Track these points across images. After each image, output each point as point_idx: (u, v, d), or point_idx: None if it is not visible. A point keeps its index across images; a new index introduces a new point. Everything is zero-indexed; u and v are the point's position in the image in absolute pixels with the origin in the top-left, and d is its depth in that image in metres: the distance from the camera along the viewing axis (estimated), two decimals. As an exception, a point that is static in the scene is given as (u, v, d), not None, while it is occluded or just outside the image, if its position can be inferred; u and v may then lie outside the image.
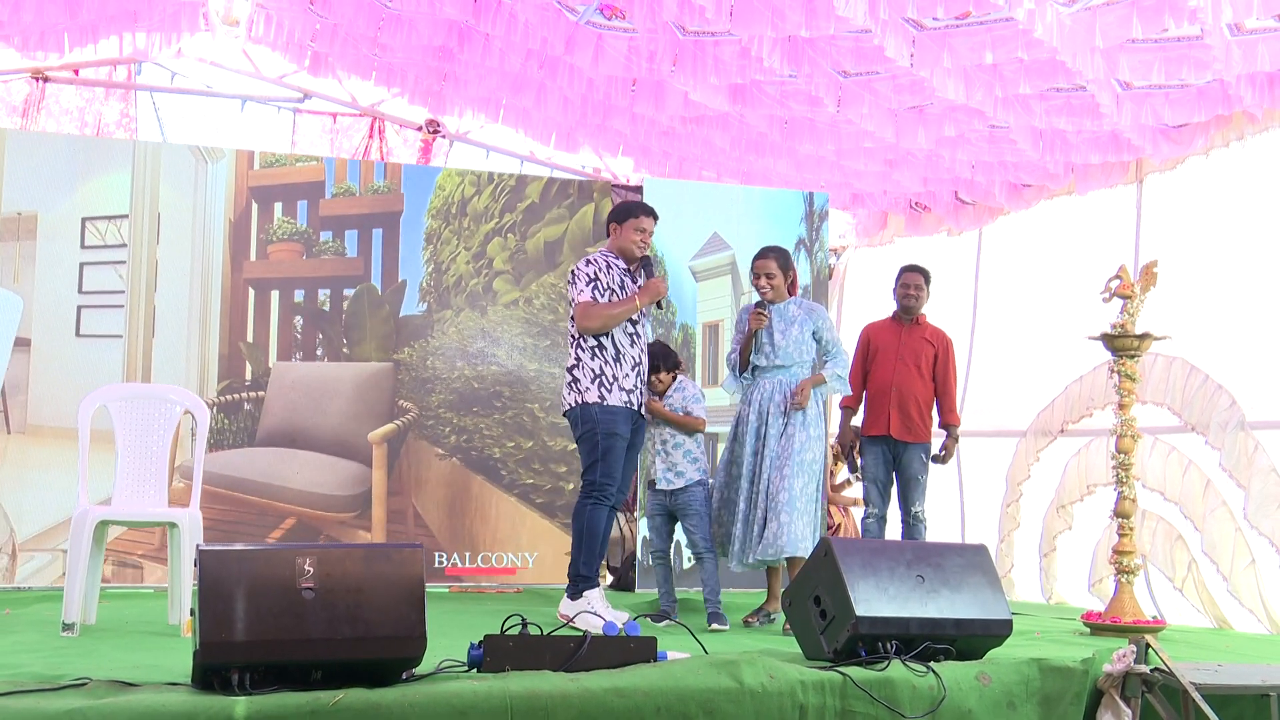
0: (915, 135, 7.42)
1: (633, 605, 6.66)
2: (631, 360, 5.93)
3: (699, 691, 3.62)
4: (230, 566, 3.37)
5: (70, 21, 7.68)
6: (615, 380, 5.85)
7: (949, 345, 7.21)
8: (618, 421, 5.83)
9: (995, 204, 8.68)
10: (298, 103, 10.06)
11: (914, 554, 4.34)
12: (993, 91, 6.62)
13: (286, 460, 8.02)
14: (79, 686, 3.32)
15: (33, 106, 9.32)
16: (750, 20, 6.25)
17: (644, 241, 6.04)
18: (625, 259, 6.04)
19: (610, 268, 5.97)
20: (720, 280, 8.82)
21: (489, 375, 8.49)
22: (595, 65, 7.27)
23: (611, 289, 5.91)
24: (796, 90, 7.27)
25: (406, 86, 8.91)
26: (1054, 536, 8.05)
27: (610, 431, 5.81)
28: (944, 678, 3.93)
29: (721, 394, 8.76)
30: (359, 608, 3.41)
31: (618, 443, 5.83)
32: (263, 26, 8.13)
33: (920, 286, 7.19)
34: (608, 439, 5.80)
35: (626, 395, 5.88)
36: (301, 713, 3.18)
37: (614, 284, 5.93)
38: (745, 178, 9.34)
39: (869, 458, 7.17)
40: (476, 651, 3.70)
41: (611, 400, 5.83)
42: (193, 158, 8.15)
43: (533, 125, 9.04)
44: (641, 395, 5.98)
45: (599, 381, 5.83)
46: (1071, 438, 8.01)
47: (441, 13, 7.15)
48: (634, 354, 5.96)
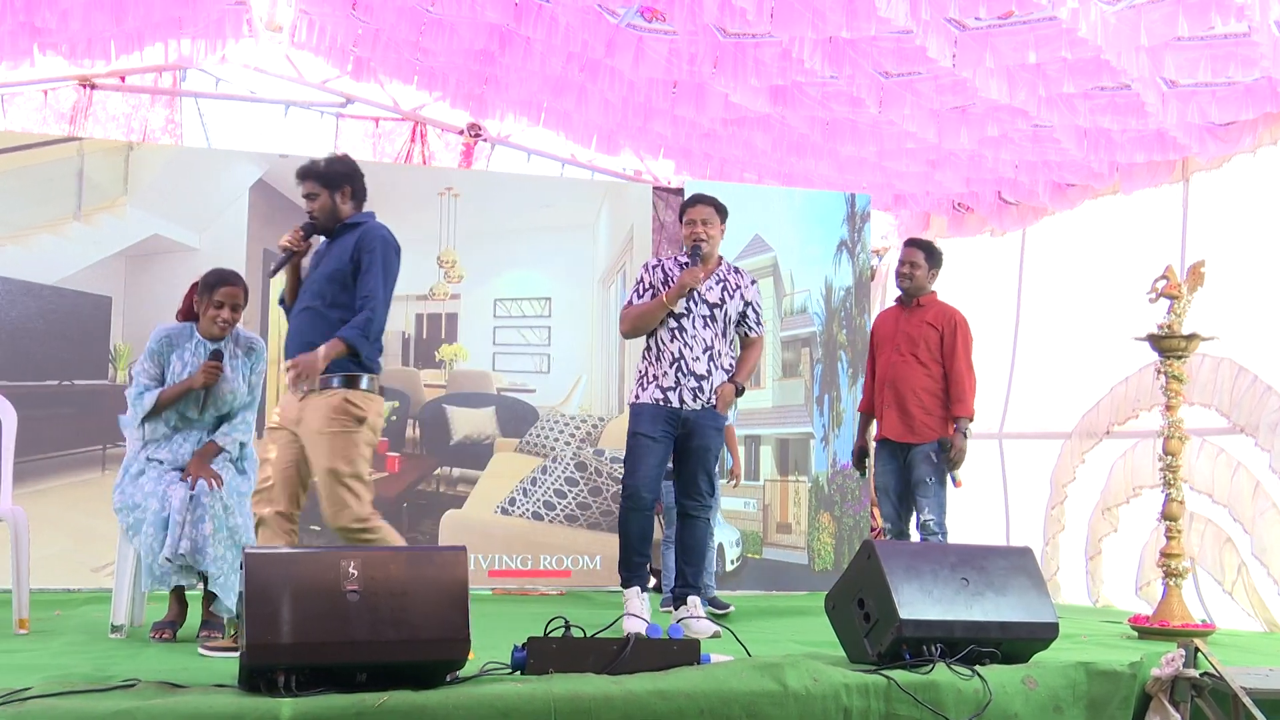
0: (958, 136, 7.38)
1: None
2: (670, 357, 5.66)
3: (742, 694, 3.61)
4: (276, 569, 3.39)
5: (116, 29, 7.77)
6: (655, 379, 5.68)
7: (958, 325, 6.36)
8: (642, 420, 5.65)
9: (1039, 204, 8.62)
10: (340, 108, 10.12)
11: (958, 557, 4.31)
12: (1036, 91, 6.58)
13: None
14: (128, 687, 3.35)
15: (80, 114, 9.43)
16: (791, 22, 6.23)
17: (694, 234, 5.73)
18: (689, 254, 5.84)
19: (659, 267, 5.82)
20: (762, 282, 8.80)
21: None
22: (636, 68, 7.28)
23: (654, 287, 5.75)
24: (838, 91, 7.25)
25: (448, 90, 8.95)
26: (1100, 539, 7.99)
27: (634, 431, 5.67)
28: (989, 681, 3.89)
29: (761, 396, 8.79)
30: (403, 610, 3.42)
31: (640, 441, 5.62)
32: (305, 32, 8.20)
33: (915, 263, 6.41)
34: (631, 438, 5.67)
35: (663, 393, 5.64)
36: (347, 714, 3.19)
37: (657, 282, 5.75)
38: (786, 179, 9.32)
39: (877, 465, 6.53)
40: (520, 654, 3.71)
41: (643, 398, 5.67)
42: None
43: (574, 128, 9.06)
44: (690, 394, 5.61)
45: (640, 381, 5.75)
46: (1117, 439, 7.94)
47: (483, 17, 7.18)
48: (674, 350, 5.66)
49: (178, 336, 5.30)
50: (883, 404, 6.46)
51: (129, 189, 8.15)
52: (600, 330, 8.75)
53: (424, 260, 8.42)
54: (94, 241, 8.10)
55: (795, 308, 8.90)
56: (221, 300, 5.25)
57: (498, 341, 8.56)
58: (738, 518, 8.64)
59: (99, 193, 8.13)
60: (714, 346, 5.68)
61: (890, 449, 6.40)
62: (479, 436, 8.47)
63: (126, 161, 8.21)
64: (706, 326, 5.68)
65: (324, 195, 5.03)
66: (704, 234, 5.72)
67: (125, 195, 8.12)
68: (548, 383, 8.63)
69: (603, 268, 8.82)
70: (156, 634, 5.08)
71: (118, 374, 8.07)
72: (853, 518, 8.80)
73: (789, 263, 8.89)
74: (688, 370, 5.65)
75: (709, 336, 5.68)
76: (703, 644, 3.95)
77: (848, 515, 8.80)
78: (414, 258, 8.31)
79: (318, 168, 5.07)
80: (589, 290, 8.79)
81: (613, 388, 8.75)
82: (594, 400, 8.68)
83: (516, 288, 8.62)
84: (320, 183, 5.03)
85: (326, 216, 5.05)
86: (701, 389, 5.64)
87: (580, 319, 8.75)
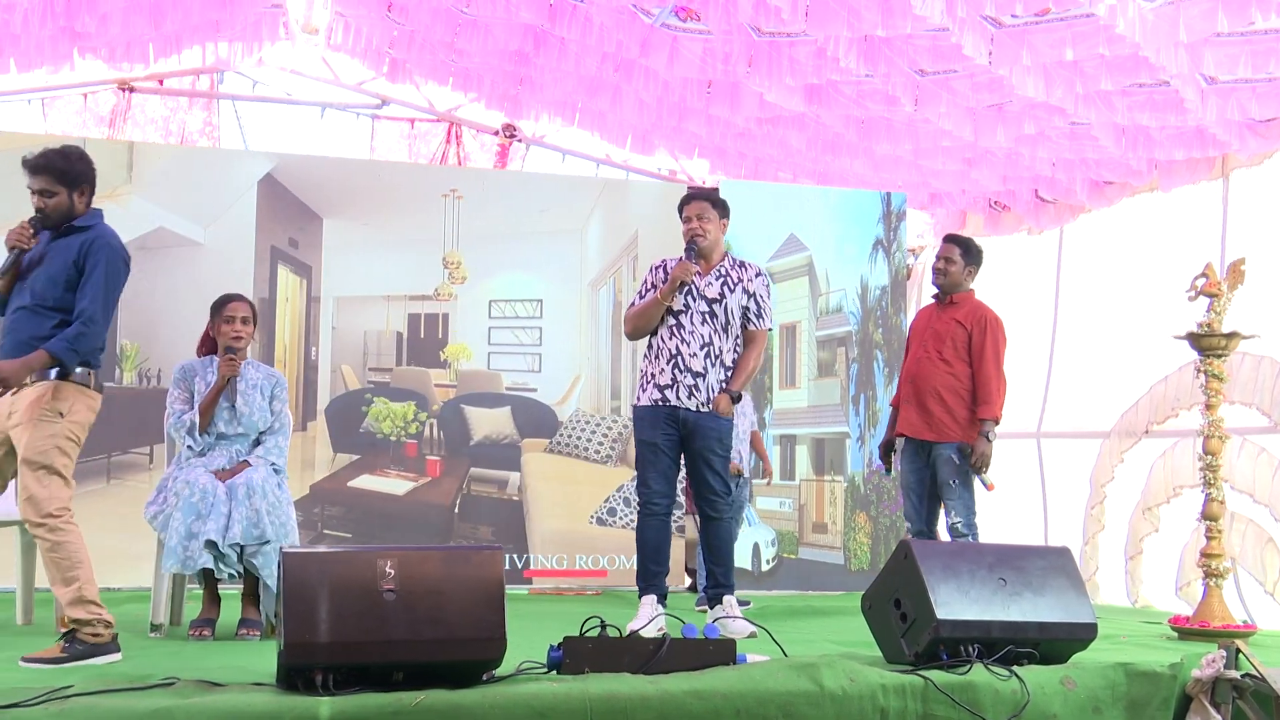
0: (994, 133, 7.34)
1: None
2: (668, 354, 5.55)
3: (778, 694, 3.60)
4: (313, 569, 3.41)
5: (155, 33, 7.84)
6: (652, 378, 5.60)
7: (987, 323, 6.16)
8: (643, 426, 5.59)
9: (1076, 202, 8.56)
10: (376, 109, 10.17)
11: (996, 557, 4.29)
12: (1073, 88, 6.53)
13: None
14: (167, 686, 3.38)
15: (119, 116, 9.51)
16: (826, 20, 6.22)
17: (690, 229, 5.64)
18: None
19: (662, 267, 5.73)
20: (797, 281, 8.80)
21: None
22: (670, 67, 7.28)
23: (655, 287, 5.66)
24: (873, 90, 7.23)
25: (483, 91, 8.97)
26: (1140, 539, 7.93)
27: (637, 438, 5.64)
28: (1027, 682, 3.87)
29: (796, 396, 8.77)
30: (439, 610, 3.43)
31: (645, 449, 5.57)
32: (341, 34, 8.25)
33: (951, 259, 6.28)
34: (637, 445, 5.64)
35: (660, 392, 5.54)
36: (384, 713, 3.20)
37: (659, 281, 5.67)
38: (821, 178, 9.30)
39: (901, 462, 6.36)
40: (556, 653, 3.72)
41: (642, 400, 5.62)
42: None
43: (608, 128, 9.07)
44: (686, 392, 5.50)
45: (640, 382, 5.68)
46: (1157, 439, 7.88)
47: (517, 17, 7.20)
48: (671, 347, 5.55)
49: (198, 366, 5.59)
50: (902, 399, 6.37)
51: (133, 178, 8.06)
52: (590, 332, 8.75)
53: (424, 260, 8.43)
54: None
55: (831, 307, 8.87)
56: (231, 315, 5.48)
57: (492, 341, 8.56)
58: (773, 517, 8.62)
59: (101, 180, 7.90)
60: (713, 343, 5.57)
61: (913, 447, 6.27)
62: (498, 436, 8.48)
63: (130, 150, 8.22)
64: (705, 323, 5.56)
65: (63, 194, 4.73)
66: (699, 229, 5.62)
67: (129, 185, 8.03)
68: (540, 381, 8.64)
69: (594, 271, 8.80)
70: (195, 632, 5.14)
71: (124, 375, 7.97)
72: (889, 517, 8.77)
73: (824, 262, 8.86)
74: (684, 367, 5.54)
75: (707, 333, 5.56)
76: (739, 644, 3.95)
77: (884, 515, 8.77)
78: (415, 258, 8.41)
79: (58, 165, 4.74)
80: (578, 292, 8.77)
81: (604, 389, 8.74)
82: (587, 400, 8.68)
83: (510, 289, 8.61)
84: (60, 181, 4.73)
85: (61, 215, 4.76)
86: (698, 387, 5.52)
87: (570, 321, 8.73)
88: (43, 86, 9.18)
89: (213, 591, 5.33)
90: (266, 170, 8.30)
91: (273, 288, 8.15)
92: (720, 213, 5.70)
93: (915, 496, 6.29)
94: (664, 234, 7.41)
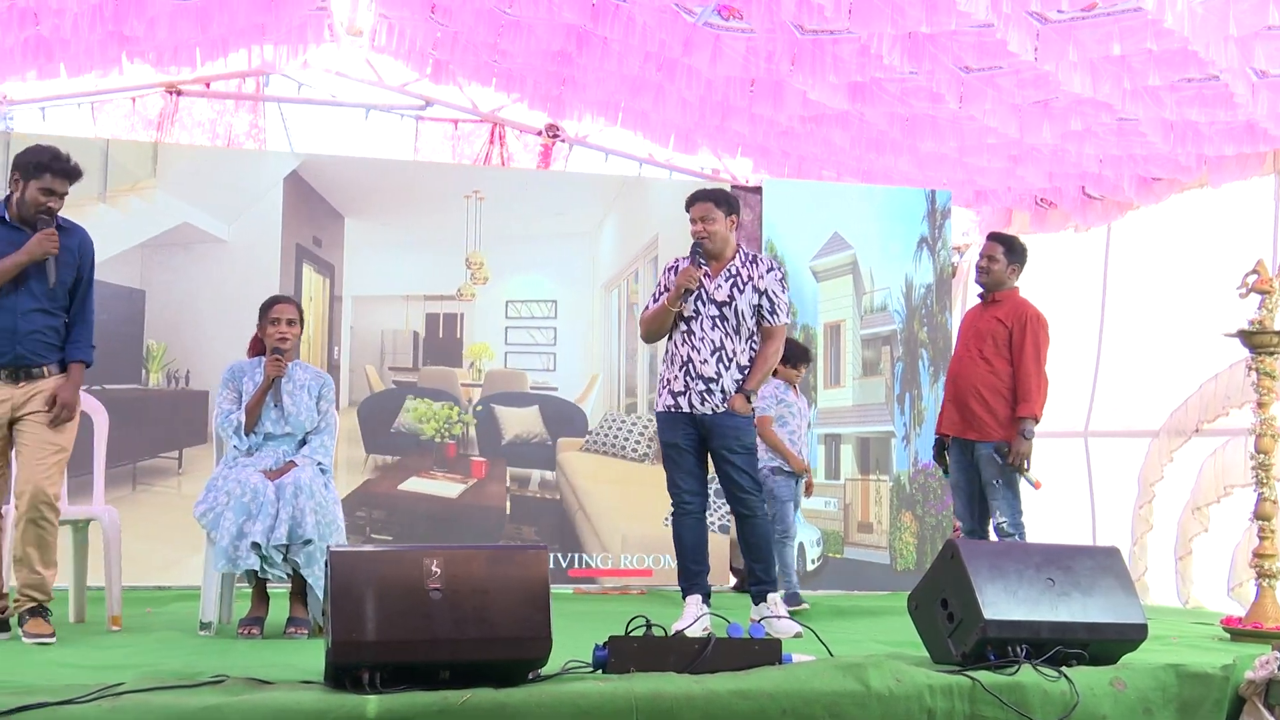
0: (1040, 130, 7.29)
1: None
2: (680, 361, 5.54)
3: (824, 694, 3.59)
4: (360, 568, 3.43)
5: (201, 36, 7.90)
6: (667, 384, 5.60)
7: (1027, 321, 6.07)
8: (663, 429, 5.61)
9: (1124, 199, 8.49)
10: (420, 110, 10.21)
11: (1043, 557, 4.25)
12: (1121, 84, 6.47)
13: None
14: (216, 683, 3.40)
15: (167, 119, 9.61)
16: (870, 18, 6.19)
17: (694, 232, 5.59)
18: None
19: (675, 268, 5.69)
20: (841, 280, 8.77)
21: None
22: (713, 66, 7.26)
23: (667, 289, 5.63)
24: (917, 87, 7.19)
25: (526, 92, 8.99)
26: (1190, 539, 7.85)
27: (662, 440, 5.66)
28: (1077, 683, 3.83)
29: (841, 395, 8.74)
30: (485, 609, 3.45)
31: (668, 450, 5.59)
32: (385, 36, 8.29)
33: (994, 257, 6.21)
34: (663, 447, 5.66)
35: (674, 398, 5.54)
36: (430, 711, 3.21)
37: (670, 283, 5.63)
38: (866, 176, 9.26)
39: (949, 462, 6.32)
40: (601, 652, 3.72)
41: (659, 405, 5.64)
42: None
43: (651, 127, 9.07)
44: (699, 398, 5.48)
45: (659, 387, 5.69)
46: (1207, 437, 7.80)
47: (560, 18, 7.20)
48: (683, 354, 5.54)
49: (247, 367, 5.65)
50: (946, 398, 6.35)
51: (158, 172, 8.06)
52: (604, 332, 8.75)
53: (442, 260, 8.43)
54: (121, 227, 7.72)
55: (875, 305, 8.84)
56: (277, 316, 5.55)
57: (509, 341, 8.56)
58: (819, 517, 8.60)
59: (125, 174, 7.85)
60: (724, 347, 5.51)
61: (959, 446, 6.22)
62: (528, 435, 8.49)
63: (154, 150, 8.26)
64: (715, 327, 5.52)
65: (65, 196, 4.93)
66: (704, 231, 5.57)
67: (154, 179, 8.03)
68: (556, 380, 8.64)
69: (608, 273, 8.80)
70: (244, 630, 5.18)
71: (150, 377, 7.91)
72: (935, 517, 8.72)
73: (869, 260, 8.83)
74: (695, 374, 5.51)
75: (718, 338, 5.51)
76: (784, 644, 3.94)
77: (930, 514, 8.72)
78: (433, 258, 8.41)
79: (71, 167, 4.89)
80: (592, 294, 8.77)
81: (618, 389, 8.74)
82: (603, 400, 8.69)
83: (525, 290, 8.62)
84: (71, 182, 4.91)
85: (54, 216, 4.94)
86: (711, 392, 5.49)
87: (584, 321, 8.73)
88: (92, 90, 9.27)
89: (261, 590, 5.38)
90: (292, 168, 8.34)
91: (298, 286, 8.16)
92: (726, 210, 5.62)
93: (965, 496, 6.24)
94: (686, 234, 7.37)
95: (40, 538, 4.79)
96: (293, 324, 5.57)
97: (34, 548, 4.78)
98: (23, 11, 7.13)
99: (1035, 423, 6.01)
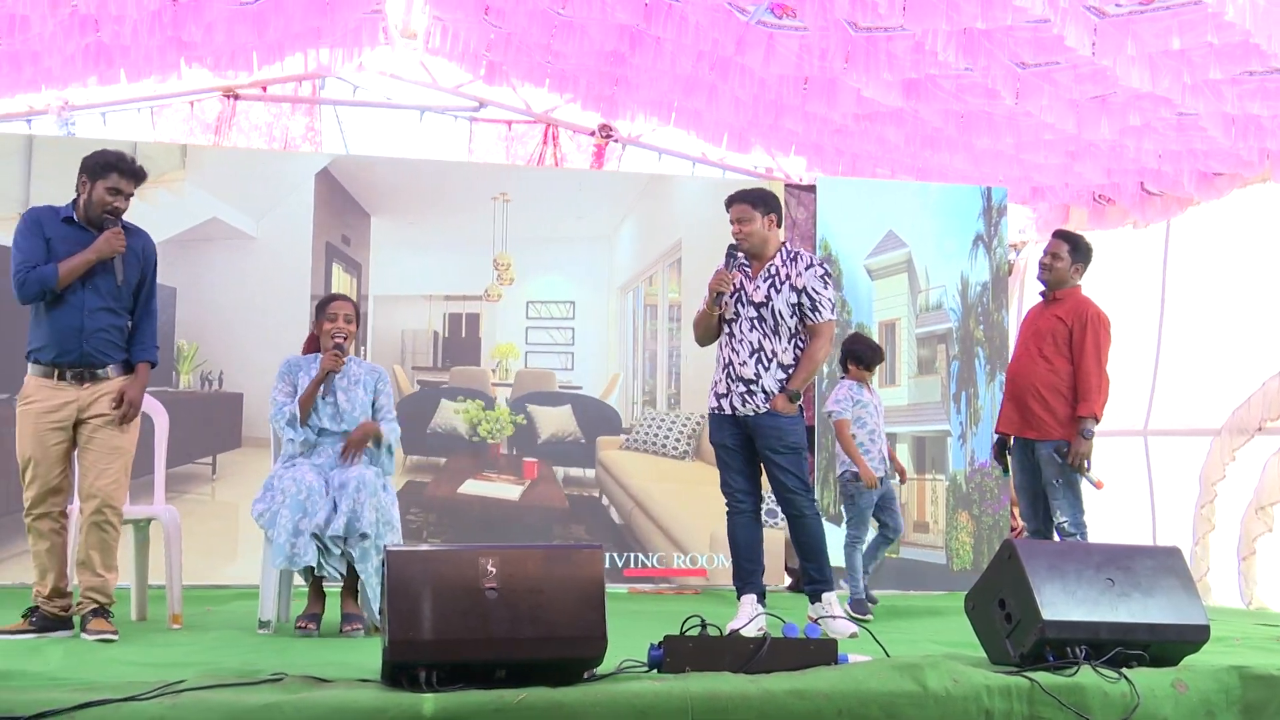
0: (1098, 126, 7.21)
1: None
2: (723, 363, 5.58)
3: (881, 695, 3.57)
4: (416, 567, 3.45)
5: (258, 41, 7.98)
6: (714, 385, 5.63)
7: (1088, 320, 5.98)
8: (711, 430, 5.65)
9: (1184, 194, 8.38)
10: (473, 112, 10.26)
11: (1103, 557, 4.21)
12: (1180, 78, 6.38)
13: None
14: (275, 681, 3.44)
15: (224, 123, 9.71)
16: (924, 14, 6.15)
17: (733, 232, 5.60)
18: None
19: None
20: (896, 278, 8.72)
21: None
22: (766, 65, 7.24)
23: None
24: (973, 83, 7.13)
25: (579, 92, 9.01)
26: (1253, 539, 7.74)
27: (711, 441, 5.68)
28: (1137, 684, 3.79)
29: (897, 393, 8.68)
30: (540, 608, 3.46)
31: (719, 450, 5.61)
32: (439, 38, 8.33)
33: (1057, 254, 6.12)
34: (714, 448, 5.67)
35: (717, 400, 5.58)
36: (486, 710, 3.22)
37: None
38: (920, 174, 9.20)
39: (1012, 463, 6.26)
40: (656, 652, 3.72)
41: (709, 407, 5.67)
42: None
43: (704, 127, 9.06)
44: (740, 400, 5.50)
45: (710, 389, 5.70)
46: (1271, 436, 7.69)
47: (613, 18, 7.21)
48: (725, 356, 5.58)
49: (303, 362, 5.70)
50: (1005, 397, 6.29)
51: (187, 164, 8.04)
52: (619, 333, 8.73)
53: (464, 260, 8.42)
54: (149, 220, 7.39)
55: (931, 304, 8.78)
56: (334, 313, 5.60)
57: (530, 341, 8.56)
58: (874, 517, 8.53)
59: (152, 165, 7.40)
60: (763, 349, 5.49)
61: (1020, 446, 6.16)
62: (564, 435, 8.49)
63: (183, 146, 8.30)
64: (754, 329, 5.51)
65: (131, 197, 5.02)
66: (740, 232, 5.57)
67: (183, 170, 8.02)
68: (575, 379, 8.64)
69: (625, 275, 8.78)
70: (301, 625, 5.23)
71: (181, 378, 7.85)
72: (991, 517, 8.65)
73: (924, 258, 8.77)
74: (735, 375, 5.52)
75: (756, 339, 5.50)
76: (840, 644, 3.92)
77: (986, 514, 8.65)
78: (455, 258, 8.41)
79: (137, 168, 5.00)
80: (608, 295, 8.75)
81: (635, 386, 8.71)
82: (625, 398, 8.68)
83: (545, 291, 8.62)
84: (138, 183, 5.01)
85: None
86: (751, 393, 5.48)
87: (600, 322, 8.72)
88: (151, 95, 9.39)
89: (318, 588, 5.43)
90: (324, 164, 8.36)
91: (328, 285, 8.16)
92: (764, 210, 5.58)
93: (1028, 496, 6.17)
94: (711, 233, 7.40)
95: (104, 541, 4.88)
96: (349, 321, 5.62)
97: (97, 551, 4.86)
98: (84, 19, 7.23)
99: (1095, 423, 5.92)
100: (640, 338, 8.70)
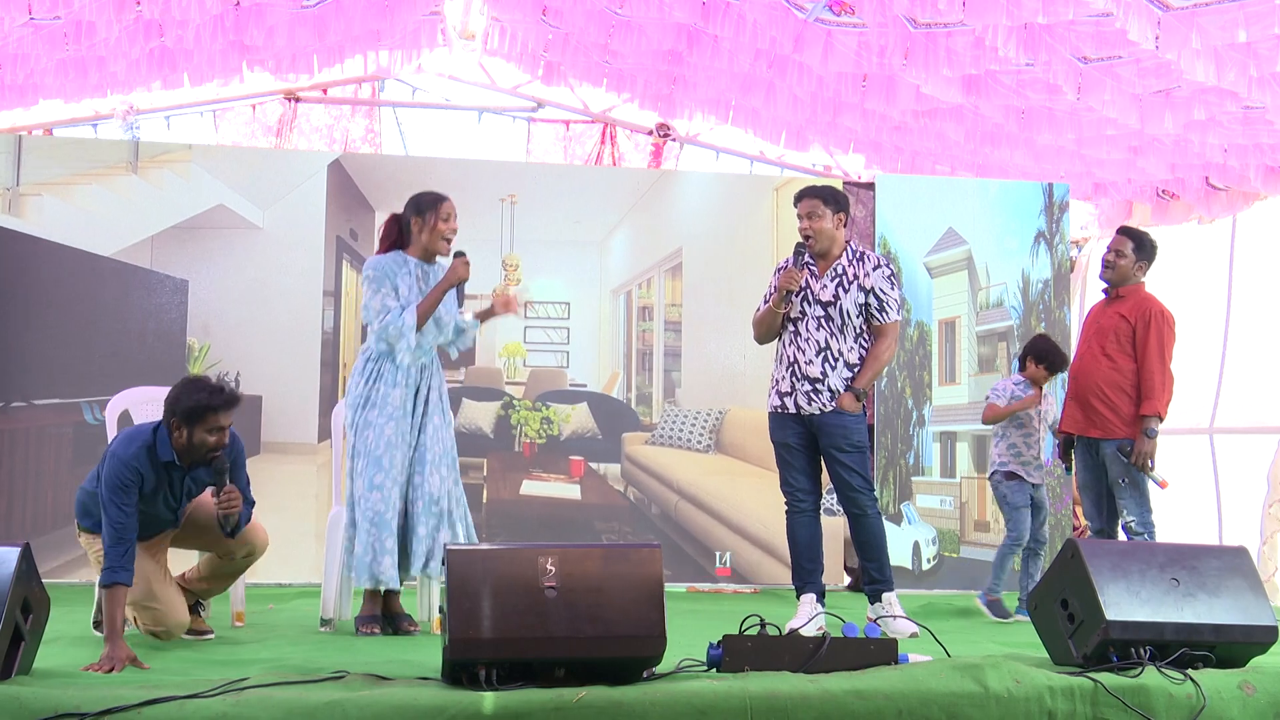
0: (1162, 120, 7.11)
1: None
2: (787, 361, 5.53)
3: (942, 695, 3.54)
4: (476, 566, 3.47)
5: (319, 44, 8.06)
6: (775, 384, 5.59)
7: (1151, 317, 5.92)
8: (772, 429, 5.60)
9: (1250, 189, 8.25)
10: (531, 112, 10.30)
11: (1167, 556, 4.16)
12: (1247, 71, 6.28)
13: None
14: (337, 679, 3.48)
15: (285, 126, 9.82)
16: (984, 10, 6.10)
17: (801, 229, 5.55)
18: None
19: (783, 269, 5.62)
20: (956, 276, 8.65)
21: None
22: (825, 62, 7.21)
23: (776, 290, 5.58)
24: (1034, 79, 7.07)
25: (637, 92, 9.02)
26: (1321, 539, 7.63)
27: (773, 439, 5.62)
28: (1203, 686, 3.74)
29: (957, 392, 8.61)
30: (599, 607, 3.47)
31: (779, 449, 5.57)
32: (498, 39, 8.36)
33: (1121, 251, 6.05)
34: (775, 447, 5.62)
35: (780, 399, 5.54)
36: (546, 709, 3.24)
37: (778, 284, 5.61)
38: (981, 170, 9.13)
39: (1075, 462, 6.20)
40: (716, 651, 3.72)
41: (769, 406, 5.62)
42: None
43: (762, 125, 9.03)
44: (805, 398, 5.46)
45: (770, 385, 5.66)
46: (1340, 433, 7.58)
47: (670, 17, 7.21)
48: (789, 354, 5.53)
49: (392, 263, 5.38)
50: (1069, 396, 6.21)
51: (193, 146, 7.92)
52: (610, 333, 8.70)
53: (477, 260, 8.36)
54: (154, 205, 7.25)
55: (991, 301, 8.71)
56: (448, 212, 5.40)
57: (527, 340, 8.54)
58: (934, 516, 8.49)
59: (157, 145, 7.50)
60: (829, 348, 5.47)
61: (1084, 445, 6.09)
62: (584, 431, 8.49)
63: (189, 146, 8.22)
64: (820, 328, 5.47)
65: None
66: (809, 229, 5.52)
67: (189, 151, 7.92)
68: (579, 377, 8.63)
69: (619, 278, 8.75)
70: (364, 629, 5.26)
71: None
72: (1054, 516, 8.55)
73: (984, 256, 8.70)
74: (800, 374, 5.49)
75: (822, 338, 5.47)
76: (900, 644, 3.91)
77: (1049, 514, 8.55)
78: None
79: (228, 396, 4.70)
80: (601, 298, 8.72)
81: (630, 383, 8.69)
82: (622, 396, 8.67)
83: (540, 292, 8.59)
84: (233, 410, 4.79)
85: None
86: (817, 391, 5.46)
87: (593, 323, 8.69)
88: (214, 99, 9.52)
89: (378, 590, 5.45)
90: (335, 155, 8.36)
91: (338, 280, 8.12)
92: (835, 208, 5.54)
93: (1092, 495, 6.11)
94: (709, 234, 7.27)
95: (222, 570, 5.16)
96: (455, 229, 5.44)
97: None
98: (148, 24, 7.33)
99: (1159, 421, 5.85)
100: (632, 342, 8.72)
